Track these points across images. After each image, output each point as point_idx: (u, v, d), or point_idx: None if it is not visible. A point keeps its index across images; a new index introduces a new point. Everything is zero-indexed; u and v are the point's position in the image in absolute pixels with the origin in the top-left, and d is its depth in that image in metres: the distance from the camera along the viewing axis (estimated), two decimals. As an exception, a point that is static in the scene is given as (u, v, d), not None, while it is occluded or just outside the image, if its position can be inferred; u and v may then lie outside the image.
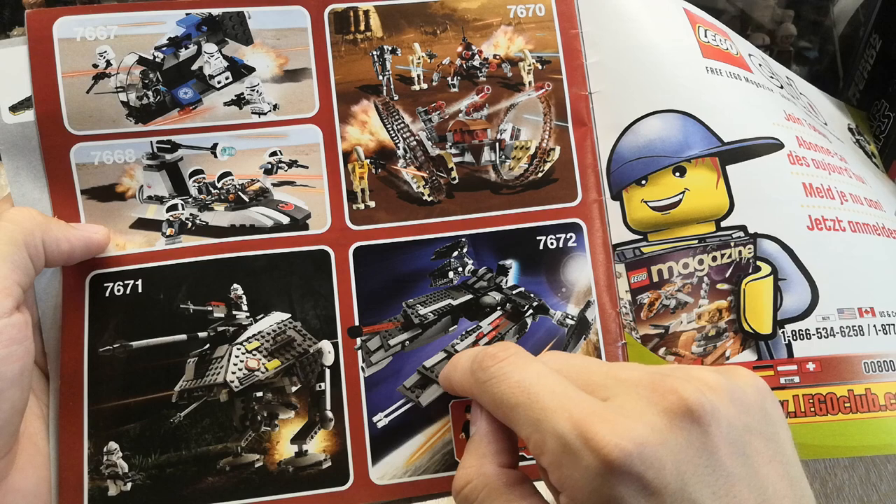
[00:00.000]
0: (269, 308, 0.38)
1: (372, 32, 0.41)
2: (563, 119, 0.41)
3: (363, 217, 0.39)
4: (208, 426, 0.36)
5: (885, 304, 0.39)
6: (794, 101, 0.45)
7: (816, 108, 0.50)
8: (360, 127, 0.40)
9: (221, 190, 0.39)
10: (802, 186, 0.40)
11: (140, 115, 0.39)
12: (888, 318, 0.39)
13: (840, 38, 0.58)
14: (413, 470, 0.37)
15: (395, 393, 0.38)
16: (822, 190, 0.41)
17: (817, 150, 0.43)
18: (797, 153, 0.41)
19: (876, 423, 0.37)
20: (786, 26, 0.55)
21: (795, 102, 0.46)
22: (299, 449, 0.37)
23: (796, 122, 0.43)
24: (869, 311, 0.38)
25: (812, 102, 0.50)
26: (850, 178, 0.43)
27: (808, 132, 0.43)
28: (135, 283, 0.38)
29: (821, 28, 0.57)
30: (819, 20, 0.56)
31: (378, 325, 0.38)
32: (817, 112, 0.50)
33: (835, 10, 0.56)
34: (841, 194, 0.41)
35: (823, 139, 0.45)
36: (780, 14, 0.55)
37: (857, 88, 0.55)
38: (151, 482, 0.36)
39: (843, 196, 0.41)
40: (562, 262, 0.40)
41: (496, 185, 0.40)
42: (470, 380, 0.31)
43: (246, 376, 0.37)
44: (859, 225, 0.41)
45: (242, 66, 0.40)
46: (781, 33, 0.55)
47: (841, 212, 0.41)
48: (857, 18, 0.57)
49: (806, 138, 0.42)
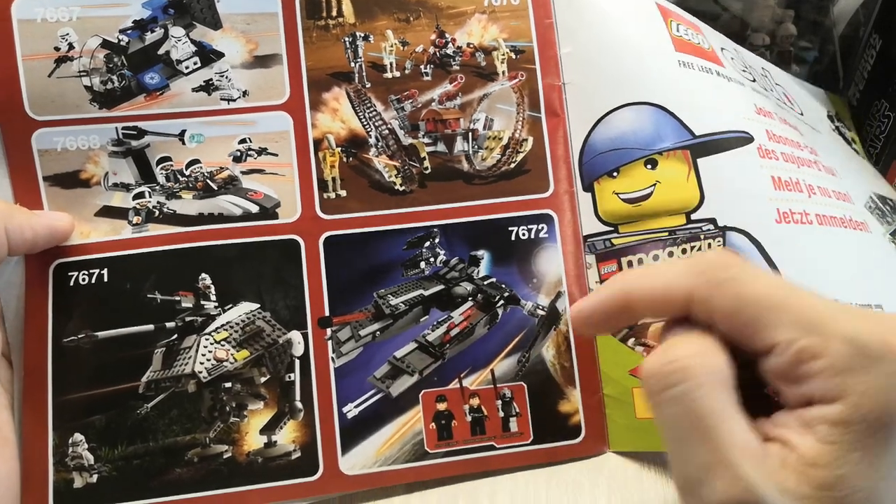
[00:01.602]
0: (237, 298, 0.38)
1: (344, 18, 0.40)
2: (536, 109, 0.41)
3: (334, 206, 0.39)
4: (176, 417, 0.36)
5: (851, 296, 0.40)
6: (766, 95, 0.46)
7: (793, 98, 0.51)
8: (332, 114, 0.40)
9: (189, 178, 0.39)
10: (771, 180, 0.41)
11: (104, 100, 0.38)
12: (868, 309, 0.39)
13: (840, 38, 0.58)
14: (383, 460, 0.37)
15: (365, 383, 0.38)
16: (791, 183, 0.41)
17: (787, 144, 0.43)
18: (766, 147, 0.41)
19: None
20: (786, 26, 0.55)
21: (768, 95, 0.46)
22: (268, 440, 0.36)
23: (766, 116, 0.43)
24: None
25: (788, 93, 0.51)
26: (820, 171, 0.44)
27: (779, 125, 0.44)
28: (100, 272, 0.37)
29: (821, 28, 0.57)
30: (819, 20, 0.56)
31: (348, 315, 0.38)
32: (793, 102, 0.50)
33: (835, 10, 0.57)
34: (809, 187, 0.42)
35: (794, 132, 0.45)
36: (780, 14, 0.55)
37: (857, 88, 0.56)
38: (118, 474, 0.35)
39: (811, 189, 0.42)
40: (533, 252, 0.40)
41: (469, 176, 0.40)
42: (697, 280, 0.26)
43: (214, 367, 0.37)
44: (826, 217, 0.41)
45: (211, 51, 0.39)
46: (781, 33, 0.55)
47: (809, 205, 0.41)
48: (857, 18, 0.57)
49: (776, 132, 0.43)
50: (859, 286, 0.41)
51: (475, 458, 0.37)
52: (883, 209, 0.48)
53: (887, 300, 0.41)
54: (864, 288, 0.41)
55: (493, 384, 0.38)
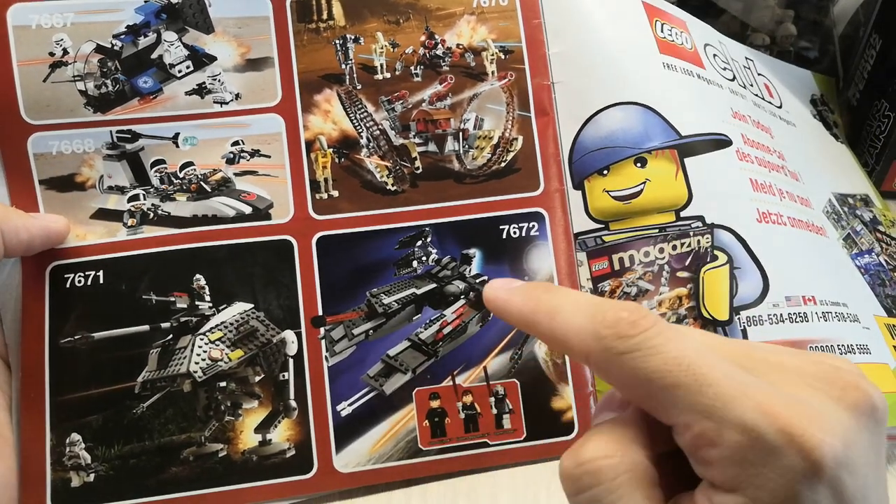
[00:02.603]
0: (231, 298, 0.38)
1: (335, 21, 0.41)
2: (525, 109, 0.41)
3: (326, 206, 0.39)
4: (171, 416, 0.37)
5: (823, 293, 0.40)
6: (742, 96, 0.46)
7: (773, 88, 0.51)
8: (323, 116, 0.40)
9: (183, 180, 0.39)
10: (750, 181, 0.41)
11: (99, 104, 0.38)
12: (827, 306, 0.40)
13: (840, 38, 0.58)
14: (377, 457, 0.37)
15: (358, 382, 0.38)
16: (766, 186, 0.42)
17: (759, 149, 0.44)
18: (743, 150, 0.42)
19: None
20: (786, 26, 0.55)
21: (745, 95, 0.47)
22: (263, 438, 0.37)
23: (741, 120, 0.44)
24: (811, 299, 0.40)
25: (770, 81, 0.51)
26: (786, 177, 0.45)
27: (752, 130, 0.44)
28: (96, 273, 0.37)
29: (821, 28, 0.57)
30: (819, 20, 0.57)
31: (341, 314, 0.38)
32: (775, 93, 0.50)
33: (835, 10, 0.57)
34: (780, 191, 0.43)
35: (766, 136, 0.46)
36: (780, 14, 0.55)
37: (857, 88, 0.56)
38: (114, 473, 0.36)
39: (781, 193, 0.43)
40: (524, 250, 0.40)
41: (460, 175, 0.41)
42: (594, 346, 0.24)
43: (209, 366, 0.37)
44: (796, 220, 0.43)
45: (203, 54, 0.39)
46: (781, 33, 0.55)
47: (781, 207, 0.42)
48: (857, 18, 0.57)
49: (750, 136, 0.44)
50: (832, 284, 0.42)
51: (469, 454, 0.38)
52: (840, 212, 0.49)
53: (849, 300, 0.42)
54: (835, 286, 0.42)
55: (485, 381, 0.39)
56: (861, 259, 0.47)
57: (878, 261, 0.48)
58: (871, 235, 0.49)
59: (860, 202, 0.51)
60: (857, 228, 0.49)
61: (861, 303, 0.43)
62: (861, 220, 0.50)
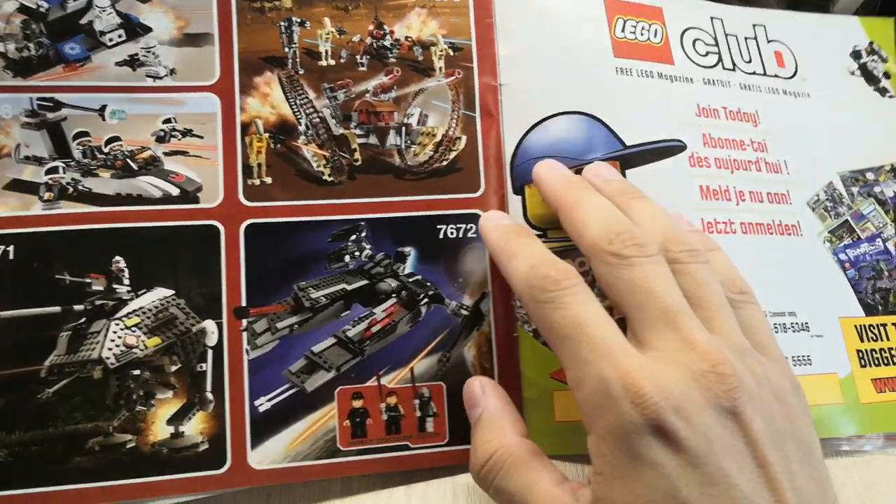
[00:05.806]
0: (152, 283, 0.36)
1: (281, 2, 0.39)
2: (471, 108, 0.40)
3: (258, 193, 0.38)
4: (79, 404, 0.35)
5: (775, 304, 0.41)
6: (722, 83, 0.45)
7: (792, 51, 0.49)
8: (262, 99, 0.39)
9: (108, 155, 0.37)
10: (699, 189, 0.41)
11: (19, 68, 0.36)
12: (781, 317, 0.40)
13: None
14: (293, 456, 0.36)
15: (279, 377, 0.37)
16: (720, 192, 0.42)
17: (725, 147, 0.43)
18: (700, 153, 0.42)
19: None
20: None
21: (727, 83, 0.45)
22: (175, 430, 0.35)
23: (709, 117, 0.43)
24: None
25: (788, 46, 0.49)
26: (758, 172, 0.44)
27: (722, 125, 0.43)
28: (6, 248, 0.35)
29: None
30: None
31: (266, 306, 0.37)
32: (789, 60, 0.48)
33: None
34: (739, 194, 0.42)
35: (745, 126, 0.44)
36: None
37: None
38: (14, 459, 0.34)
39: (740, 196, 0.42)
40: (460, 252, 0.40)
41: (400, 171, 0.40)
42: (525, 291, 0.30)
43: (123, 353, 0.36)
44: (752, 226, 0.42)
45: (138, 24, 0.38)
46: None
47: (735, 213, 0.42)
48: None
49: (715, 134, 0.43)
50: (778, 295, 0.41)
51: (388, 457, 0.37)
52: (842, 195, 0.46)
53: (803, 307, 0.42)
54: (781, 296, 0.42)
55: (411, 383, 0.38)
56: (851, 251, 0.45)
57: (881, 248, 0.45)
58: (887, 217, 0.46)
59: (887, 174, 0.47)
60: (865, 211, 0.46)
61: (820, 307, 0.43)
62: (876, 198, 0.46)
